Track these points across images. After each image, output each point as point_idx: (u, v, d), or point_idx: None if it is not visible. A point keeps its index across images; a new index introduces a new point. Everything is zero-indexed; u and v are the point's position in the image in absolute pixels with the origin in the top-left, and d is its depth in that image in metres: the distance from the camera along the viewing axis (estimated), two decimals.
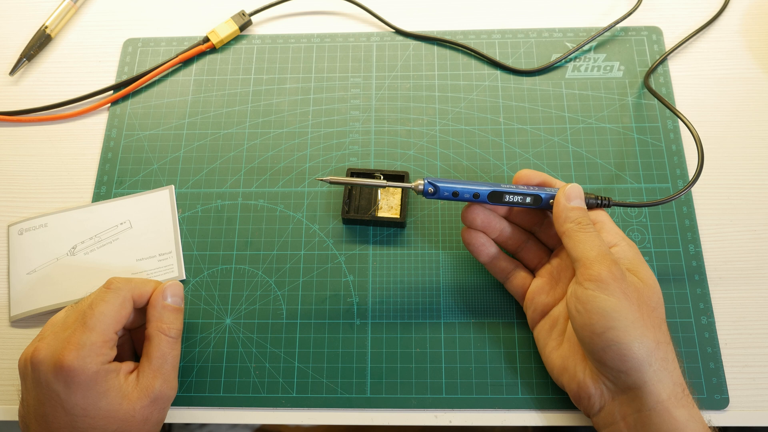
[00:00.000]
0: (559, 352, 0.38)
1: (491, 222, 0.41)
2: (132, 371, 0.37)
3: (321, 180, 0.39)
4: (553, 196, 0.39)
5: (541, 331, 0.40)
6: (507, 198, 0.39)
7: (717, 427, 0.37)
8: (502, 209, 0.41)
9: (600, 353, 0.34)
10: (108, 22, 0.56)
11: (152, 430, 0.37)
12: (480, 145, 0.49)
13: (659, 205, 0.46)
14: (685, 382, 0.35)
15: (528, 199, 0.39)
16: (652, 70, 0.51)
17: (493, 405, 0.41)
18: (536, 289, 0.41)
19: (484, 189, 0.38)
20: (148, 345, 0.38)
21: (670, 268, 0.44)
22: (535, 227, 0.42)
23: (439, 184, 0.38)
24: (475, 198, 0.38)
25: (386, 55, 0.53)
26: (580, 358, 0.37)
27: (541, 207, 0.39)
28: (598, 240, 0.36)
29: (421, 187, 0.38)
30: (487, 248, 0.41)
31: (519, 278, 0.42)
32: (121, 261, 0.46)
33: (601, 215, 0.39)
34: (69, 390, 0.34)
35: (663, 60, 0.51)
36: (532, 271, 0.42)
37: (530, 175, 0.41)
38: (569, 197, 0.38)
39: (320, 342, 0.43)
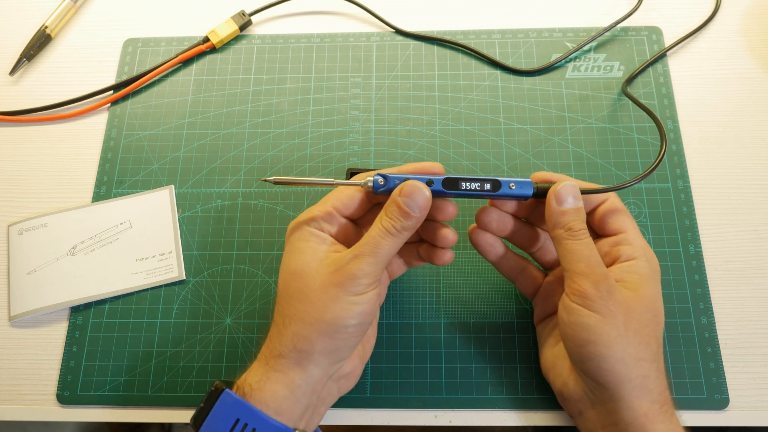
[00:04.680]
0: (553, 350, 0.39)
1: (506, 224, 0.39)
2: (340, 251, 0.35)
3: (265, 180, 0.36)
4: (513, 183, 0.36)
5: (544, 328, 0.40)
6: (463, 185, 0.36)
7: (717, 427, 0.37)
8: (522, 210, 0.39)
9: (581, 364, 0.34)
10: (108, 22, 0.56)
11: (332, 311, 0.33)
12: (480, 145, 0.49)
13: (628, 188, 0.45)
14: (669, 398, 0.34)
15: (487, 186, 0.36)
16: (633, 77, 0.50)
17: (493, 405, 0.41)
18: (549, 289, 0.40)
19: (438, 177, 0.36)
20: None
21: (670, 268, 0.44)
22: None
23: (384, 173, 0.35)
24: (429, 185, 0.35)
25: (386, 55, 0.53)
26: (569, 361, 0.37)
27: (502, 194, 0.36)
28: (588, 250, 0.34)
29: (371, 184, 0.35)
30: (495, 248, 0.39)
31: (529, 278, 0.40)
32: (121, 261, 0.46)
33: (627, 224, 0.37)
34: (285, 248, 0.36)
35: (648, 65, 0.51)
36: (547, 270, 0.41)
37: (543, 176, 0.38)
38: (560, 199, 0.35)
39: None
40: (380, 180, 0.35)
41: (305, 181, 0.37)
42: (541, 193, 0.36)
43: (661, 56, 0.52)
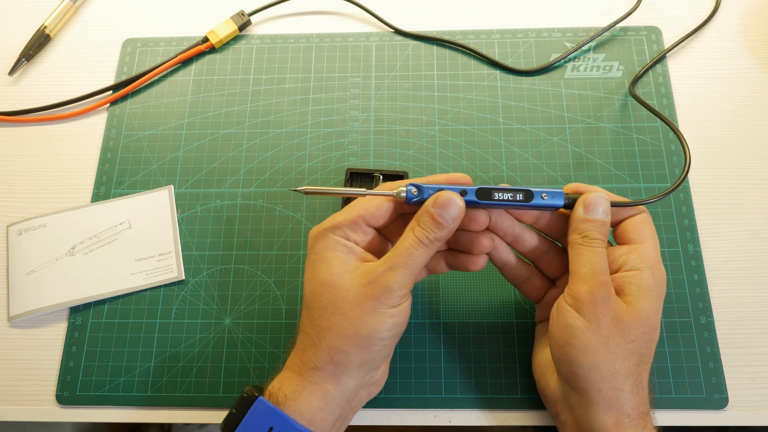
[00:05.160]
0: (544, 350, 0.39)
1: (504, 227, 0.38)
2: (368, 261, 0.35)
3: (295, 191, 0.36)
4: (546, 194, 0.36)
5: (540, 329, 0.41)
6: (497, 196, 0.36)
7: (716, 426, 0.37)
8: (530, 217, 0.38)
9: (558, 364, 0.35)
10: (107, 22, 0.56)
11: (369, 325, 0.33)
12: (479, 145, 0.49)
13: (656, 202, 0.46)
14: (645, 413, 0.34)
15: (519, 196, 0.36)
16: (640, 77, 0.50)
17: (493, 405, 0.41)
18: (551, 299, 0.39)
19: (472, 187, 0.36)
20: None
21: (670, 268, 0.44)
22: (563, 237, 0.39)
23: (418, 183, 0.35)
24: (463, 195, 0.35)
25: (386, 55, 0.53)
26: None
27: (534, 205, 0.36)
28: (596, 257, 0.34)
29: (404, 194, 0.35)
30: (500, 253, 0.39)
31: (534, 286, 0.40)
32: (120, 261, 0.46)
33: (645, 236, 0.36)
34: (308, 256, 0.36)
35: (653, 65, 0.51)
36: (552, 280, 0.40)
37: (576, 187, 0.38)
38: (587, 208, 0.35)
39: None
40: (413, 190, 0.35)
41: (336, 191, 0.36)
42: (571, 204, 0.36)
43: (658, 60, 0.52)
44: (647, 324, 0.34)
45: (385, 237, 0.38)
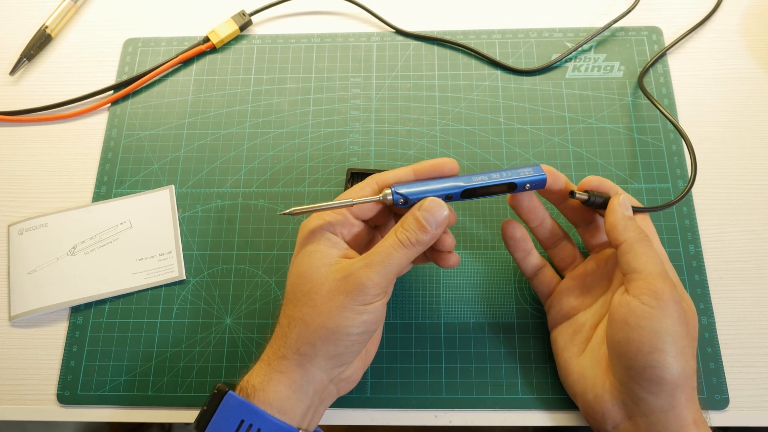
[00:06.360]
0: (579, 360, 0.38)
1: (536, 210, 0.39)
2: (350, 258, 0.35)
3: (283, 214, 0.36)
4: (528, 182, 0.37)
5: (561, 334, 0.40)
6: (480, 192, 0.37)
7: (717, 427, 0.37)
8: (556, 197, 0.40)
9: (638, 372, 0.33)
10: (108, 22, 0.56)
11: (336, 319, 0.33)
12: (480, 145, 0.49)
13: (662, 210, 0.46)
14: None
15: (503, 188, 0.37)
16: (646, 71, 0.51)
17: (493, 405, 0.41)
18: (564, 290, 0.40)
19: (456, 189, 0.36)
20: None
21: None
22: (581, 225, 0.41)
23: (404, 192, 0.35)
24: (448, 200, 0.36)
25: (386, 55, 0.53)
26: (601, 371, 0.36)
27: (517, 191, 0.37)
28: (658, 256, 0.35)
29: (390, 197, 0.35)
30: (525, 243, 0.40)
31: (547, 277, 0.41)
32: (121, 261, 0.46)
33: (652, 232, 0.38)
34: (295, 249, 0.37)
35: (657, 59, 0.51)
36: (559, 271, 0.42)
37: (595, 182, 0.39)
38: (627, 207, 0.37)
39: None
40: (400, 200, 0.36)
41: (324, 206, 0.36)
42: (600, 204, 0.38)
43: (662, 55, 0.52)
44: (696, 319, 0.36)
45: (377, 232, 0.39)
